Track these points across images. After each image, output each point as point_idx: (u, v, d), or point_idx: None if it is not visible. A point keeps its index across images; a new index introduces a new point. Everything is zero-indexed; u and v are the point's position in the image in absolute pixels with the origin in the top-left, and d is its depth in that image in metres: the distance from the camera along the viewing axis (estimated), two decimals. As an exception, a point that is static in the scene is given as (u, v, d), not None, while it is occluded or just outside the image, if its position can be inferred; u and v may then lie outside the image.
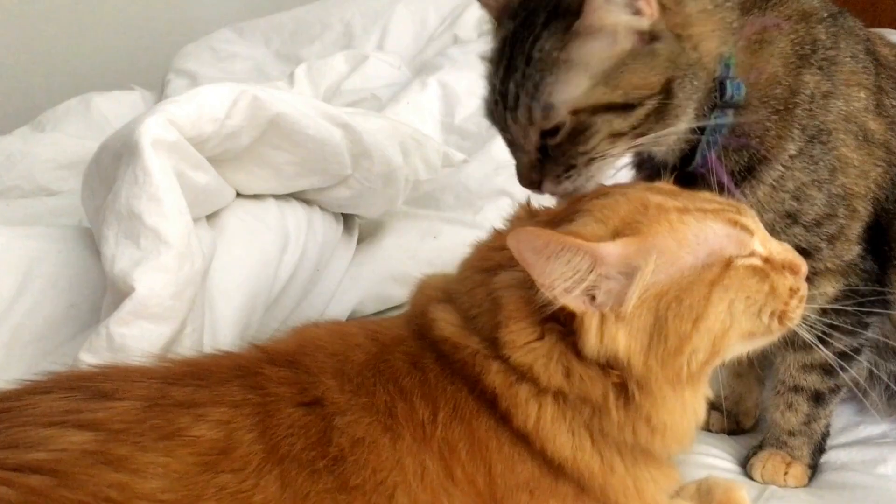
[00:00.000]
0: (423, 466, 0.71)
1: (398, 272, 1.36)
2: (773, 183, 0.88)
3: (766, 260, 0.76)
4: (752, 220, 0.78)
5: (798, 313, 0.78)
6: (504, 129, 0.87)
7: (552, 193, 0.86)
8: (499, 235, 0.83)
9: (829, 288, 0.92)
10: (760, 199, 0.88)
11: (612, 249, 0.70)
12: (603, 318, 0.71)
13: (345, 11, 2.38)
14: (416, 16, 2.35)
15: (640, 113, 0.82)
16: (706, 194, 0.80)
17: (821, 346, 0.89)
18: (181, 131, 1.00)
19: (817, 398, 0.99)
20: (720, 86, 0.85)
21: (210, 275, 1.06)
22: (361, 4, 2.39)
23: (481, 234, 0.88)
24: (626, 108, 0.81)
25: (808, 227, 0.89)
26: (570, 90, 0.81)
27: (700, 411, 0.79)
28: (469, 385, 0.75)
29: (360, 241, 1.44)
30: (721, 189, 0.88)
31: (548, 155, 0.84)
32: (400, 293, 1.30)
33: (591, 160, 0.83)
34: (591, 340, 0.72)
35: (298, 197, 1.29)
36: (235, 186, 1.18)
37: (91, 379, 0.72)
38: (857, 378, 1.01)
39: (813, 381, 0.97)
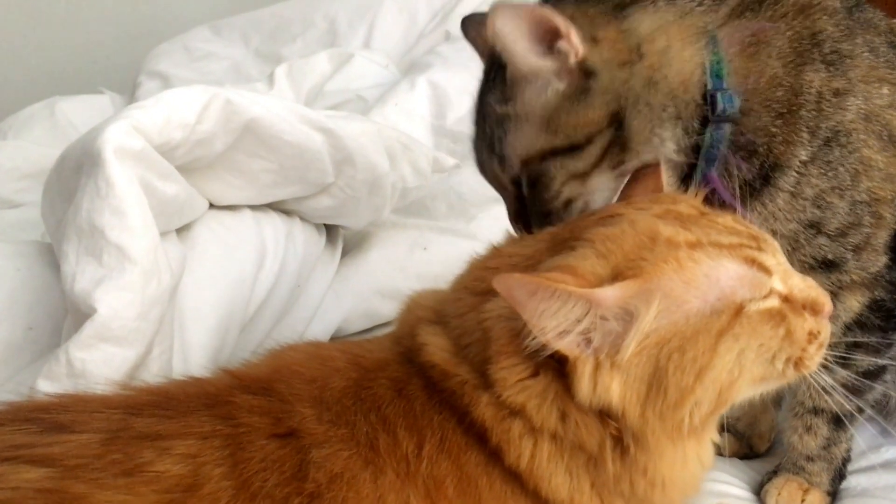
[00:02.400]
0: None
1: (386, 287, 1.35)
2: (792, 189, 0.87)
3: (786, 299, 0.73)
4: (773, 255, 0.75)
5: (816, 360, 0.76)
6: (487, 179, 0.95)
7: None
8: (496, 252, 0.82)
9: (854, 302, 0.92)
10: (781, 208, 0.88)
11: (610, 294, 0.68)
12: (598, 364, 0.69)
13: (329, 7, 2.38)
14: (404, 11, 2.35)
15: (593, 151, 0.84)
16: (728, 220, 0.77)
17: (828, 391, 0.87)
18: (147, 138, 0.98)
19: (838, 421, 0.98)
20: (711, 99, 0.85)
21: (180, 293, 1.04)
22: (346, 0, 2.39)
23: (475, 244, 0.87)
24: (573, 149, 0.84)
25: (832, 237, 0.88)
26: (517, 142, 0.87)
27: (707, 459, 0.78)
28: (458, 416, 0.73)
29: (344, 253, 1.42)
30: (724, 207, 0.88)
31: (527, 206, 0.89)
32: (388, 309, 1.29)
33: (569, 202, 0.86)
34: (583, 388, 0.70)
35: (277, 207, 1.27)
36: (208, 197, 1.17)
37: (46, 410, 0.71)
38: (881, 396, 1.00)
39: (834, 402, 0.96)
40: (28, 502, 0.61)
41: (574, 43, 0.83)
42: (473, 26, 1.04)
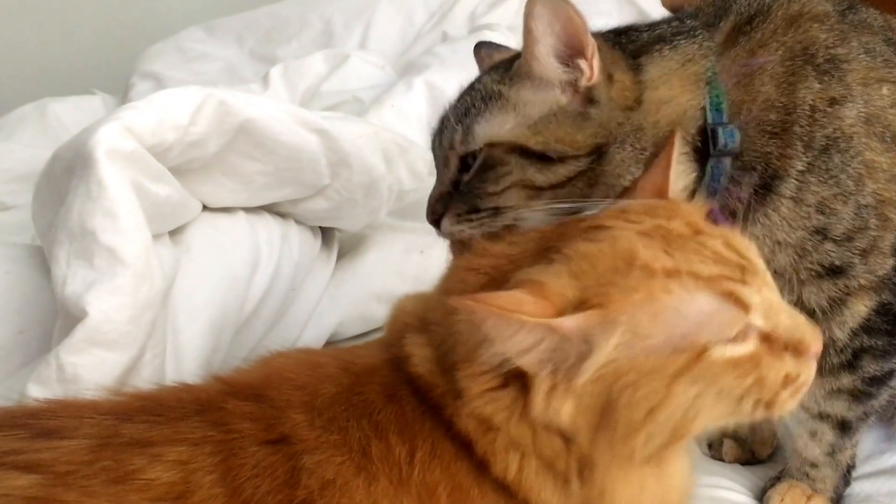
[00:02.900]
0: None
1: (382, 291, 1.35)
2: (794, 195, 0.87)
3: (766, 337, 0.70)
4: (758, 289, 0.70)
5: (791, 404, 0.72)
6: (433, 154, 0.95)
7: (447, 234, 0.90)
8: (483, 251, 0.81)
9: (862, 306, 0.91)
10: (785, 217, 0.87)
11: (569, 323, 0.66)
12: (554, 385, 0.68)
13: (325, 8, 2.38)
14: (401, 12, 2.35)
15: (561, 171, 0.84)
16: (719, 243, 0.72)
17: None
18: (140, 140, 0.98)
19: (844, 426, 0.97)
20: (713, 134, 0.85)
21: (173, 296, 1.04)
22: (343, 0, 2.39)
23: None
24: (542, 159, 0.85)
25: (839, 242, 0.88)
26: (494, 124, 0.87)
27: (678, 481, 0.76)
28: (445, 425, 0.73)
29: (339, 257, 1.42)
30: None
31: (458, 191, 0.89)
32: (384, 313, 1.26)
33: (498, 210, 0.86)
34: (537, 405, 0.68)
35: (271, 210, 1.27)
36: (201, 199, 1.17)
37: (36, 415, 0.70)
38: (887, 402, 1.00)
39: (840, 407, 0.96)
40: (17, 510, 0.61)
41: (593, 67, 0.85)
42: (486, 49, 1.06)
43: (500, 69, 0.91)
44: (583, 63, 0.84)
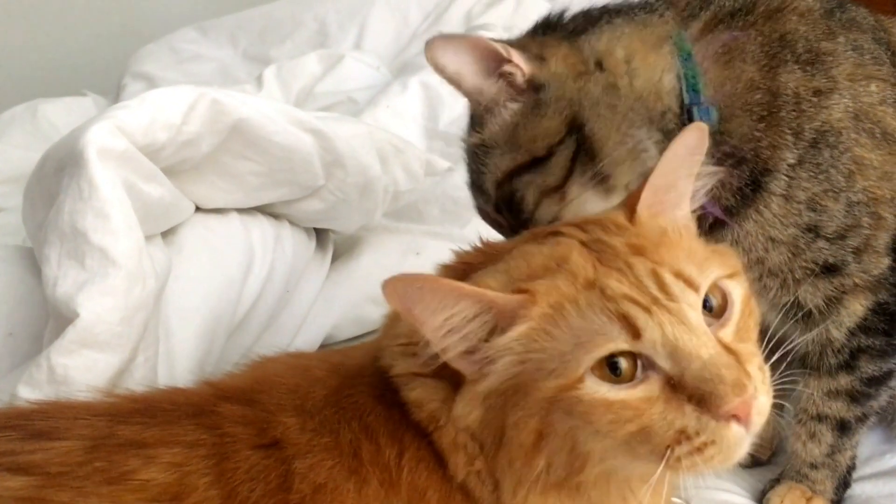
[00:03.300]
0: None
1: (377, 293, 1.30)
2: (784, 193, 0.88)
3: (669, 381, 0.64)
4: (662, 324, 0.65)
5: (700, 467, 0.65)
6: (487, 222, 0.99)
7: None
8: (476, 247, 0.82)
9: (858, 306, 0.92)
10: (776, 214, 0.88)
11: (493, 295, 0.67)
12: (473, 391, 0.69)
13: (319, 8, 2.38)
14: (396, 12, 2.36)
15: (558, 161, 0.87)
16: (645, 271, 0.68)
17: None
18: (131, 139, 0.98)
19: (843, 427, 0.98)
20: (688, 113, 0.87)
21: (166, 298, 1.04)
22: (337, 0, 2.40)
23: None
24: (535, 163, 0.87)
25: (831, 240, 0.89)
26: (491, 171, 0.91)
27: None
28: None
29: (334, 258, 1.43)
30: (718, 224, 0.89)
31: (518, 230, 0.91)
32: (379, 316, 1.28)
33: (555, 220, 0.87)
34: (458, 405, 0.69)
35: (265, 211, 1.28)
36: (194, 200, 1.17)
37: (27, 417, 0.71)
38: (886, 403, 1.01)
39: (838, 408, 0.97)
40: (9, 511, 0.61)
41: (518, 62, 0.87)
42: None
43: (469, 125, 0.95)
44: (508, 67, 0.88)
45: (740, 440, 0.65)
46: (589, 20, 0.93)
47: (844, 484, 1.02)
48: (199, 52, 2.31)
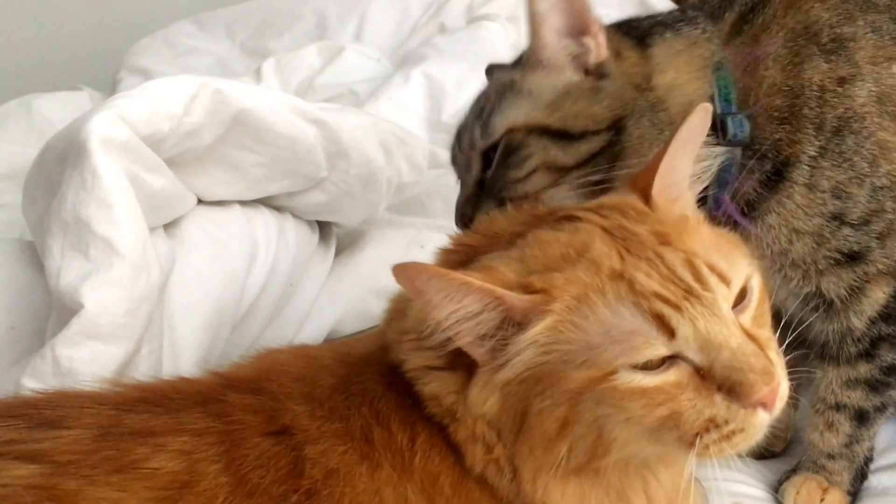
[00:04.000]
0: (404, 499, 0.70)
1: (382, 287, 1.34)
2: (807, 182, 0.89)
3: (699, 371, 0.66)
4: (694, 319, 0.66)
5: (726, 452, 0.67)
6: (455, 163, 0.99)
7: None
8: (476, 228, 0.83)
9: (880, 293, 0.93)
10: (800, 204, 0.89)
11: (511, 297, 0.67)
12: (489, 378, 0.70)
13: (317, 0, 2.39)
14: (396, 4, 2.37)
15: (583, 148, 0.87)
16: (677, 261, 0.69)
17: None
18: (134, 129, 0.99)
19: (861, 417, 0.99)
20: (721, 124, 0.88)
21: (169, 291, 1.05)
22: (336, -8, 2.41)
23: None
24: (563, 136, 0.87)
25: (856, 227, 0.90)
26: (510, 112, 0.90)
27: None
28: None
29: (338, 252, 1.43)
30: (735, 227, 0.90)
31: (484, 190, 0.91)
32: (384, 310, 1.29)
33: (527, 199, 0.88)
34: (472, 393, 0.70)
35: (268, 203, 1.28)
36: (196, 192, 1.17)
37: (35, 406, 0.71)
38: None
39: (857, 398, 0.97)
40: (19, 499, 0.62)
41: (600, 43, 0.88)
42: (498, 71, 1.07)
43: (508, 66, 0.94)
44: (588, 40, 0.88)
45: (764, 425, 0.68)
46: (645, 28, 0.95)
47: (861, 475, 1.03)
48: (196, 45, 2.32)
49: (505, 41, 1.98)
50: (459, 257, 0.77)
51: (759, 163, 0.89)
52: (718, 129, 0.88)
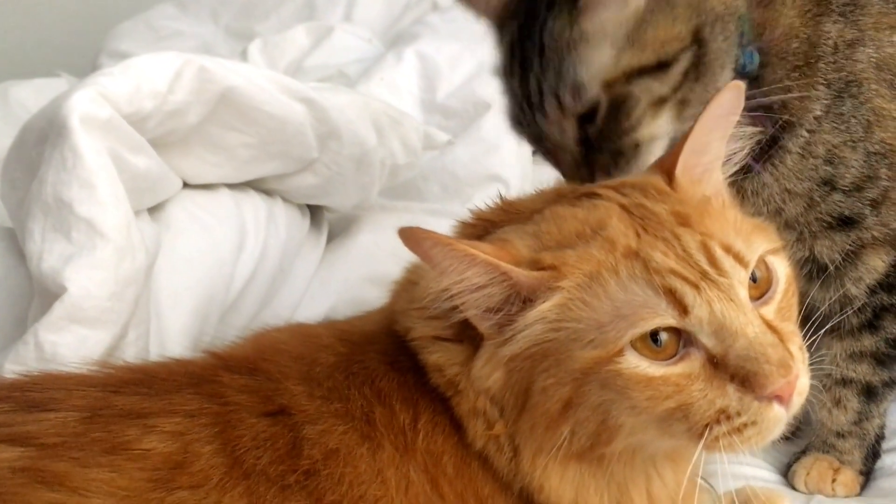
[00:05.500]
0: (406, 479, 0.71)
1: (376, 273, 1.36)
2: (800, 151, 0.91)
3: (712, 360, 0.67)
4: (710, 300, 0.66)
5: (739, 446, 0.67)
6: (536, 137, 0.92)
7: None
8: (501, 202, 0.83)
9: (878, 261, 0.94)
10: (791, 168, 0.91)
11: (519, 272, 0.68)
12: (494, 351, 0.71)
13: (305, -20, 2.39)
14: (387, -18, 2.36)
15: (676, 71, 0.85)
16: (693, 243, 0.69)
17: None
18: (116, 107, 0.99)
19: (869, 392, 1.00)
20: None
21: (155, 276, 1.06)
22: (324, -29, 2.40)
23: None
24: (660, 67, 0.85)
25: (847, 192, 0.92)
26: (596, 63, 0.85)
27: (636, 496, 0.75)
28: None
29: (330, 238, 1.44)
30: (745, 170, 0.90)
31: (592, 147, 0.87)
32: (378, 296, 1.29)
33: (638, 145, 0.86)
34: (476, 366, 0.72)
35: (256, 186, 1.29)
36: (182, 175, 1.18)
37: (20, 388, 0.72)
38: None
39: (863, 371, 0.99)
40: (6, 482, 0.62)
41: None
42: None
43: (559, 16, 0.88)
44: None
45: (780, 421, 0.68)
46: None
47: (874, 454, 1.04)
48: (178, 28, 2.31)
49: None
50: (476, 231, 0.78)
51: (766, 116, 0.90)
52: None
